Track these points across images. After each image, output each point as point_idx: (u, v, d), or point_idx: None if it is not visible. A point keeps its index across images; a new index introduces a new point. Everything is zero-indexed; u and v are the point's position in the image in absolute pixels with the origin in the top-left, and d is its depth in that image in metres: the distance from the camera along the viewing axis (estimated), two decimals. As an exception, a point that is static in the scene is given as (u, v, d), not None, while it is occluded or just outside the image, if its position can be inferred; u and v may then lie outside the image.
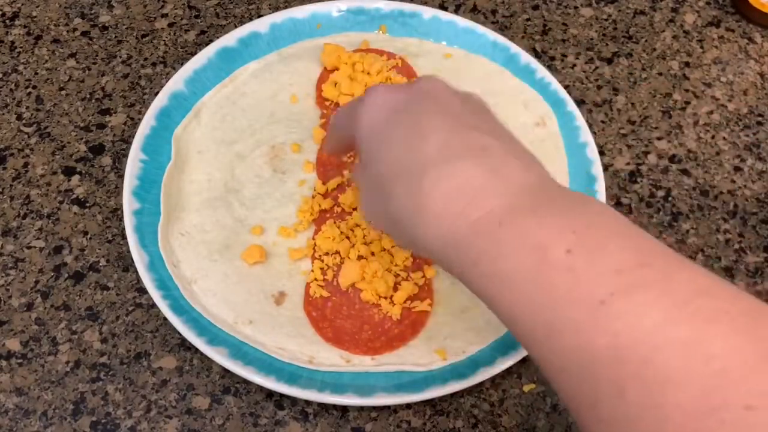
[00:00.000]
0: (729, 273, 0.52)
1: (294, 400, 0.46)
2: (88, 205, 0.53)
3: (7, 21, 0.61)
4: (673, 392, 0.25)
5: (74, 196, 0.53)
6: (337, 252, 0.49)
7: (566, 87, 0.58)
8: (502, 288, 0.30)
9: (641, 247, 0.29)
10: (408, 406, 0.46)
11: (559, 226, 0.29)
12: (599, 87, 0.60)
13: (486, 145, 0.33)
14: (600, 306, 0.27)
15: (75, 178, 0.54)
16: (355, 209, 0.50)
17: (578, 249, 0.28)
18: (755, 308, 0.27)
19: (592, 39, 0.63)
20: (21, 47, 0.60)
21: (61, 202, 0.53)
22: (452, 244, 0.32)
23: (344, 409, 0.46)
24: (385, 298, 0.48)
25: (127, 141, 0.55)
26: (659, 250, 0.29)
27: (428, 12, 0.59)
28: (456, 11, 0.63)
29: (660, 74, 0.61)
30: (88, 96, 0.58)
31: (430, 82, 0.37)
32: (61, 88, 0.58)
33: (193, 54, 0.57)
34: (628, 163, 0.57)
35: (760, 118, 0.60)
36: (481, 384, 0.47)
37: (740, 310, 0.27)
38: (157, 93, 0.54)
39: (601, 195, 0.52)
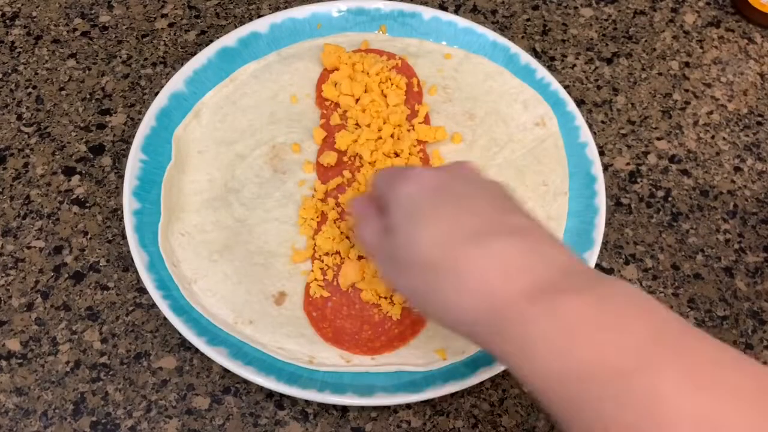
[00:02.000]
0: (729, 273, 0.52)
1: (294, 400, 0.46)
2: (88, 205, 0.53)
3: (7, 21, 0.61)
4: None
5: (74, 196, 0.53)
6: (337, 252, 0.49)
7: (566, 87, 0.58)
8: (532, 363, 0.32)
9: (661, 323, 0.31)
10: (408, 406, 0.46)
11: (588, 306, 0.31)
12: (599, 87, 0.60)
13: (524, 226, 0.36)
14: (624, 381, 0.29)
15: (75, 178, 0.54)
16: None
17: (604, 327, 0.30)
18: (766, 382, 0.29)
19: (592, 39, 0.63)
20: (21, 47, 0.60)
21: (61, 202, 0.53)
22: (484, 319, 0.33)
23: (344, 409, 0.46)
24: (385, 298, 0.48)
25: (127, 141, 0.55)
26: (677, 326, 0.31)
27: (428, 12, 0.59)
28: (456, 11, 0.63)
29: (660, 74, 0.61)
30: (88, 96, 0.58)
31: (465, 168, 0.40)
32: (61, 88, 0.58)
33: (193, 54, 0.57)
34: (628, 163, 0.57)
35: (760, 118, 0.60)
36: (481, 384, 0.47)
37: (753, 386, 0.28)
38: (157, 93, 0.54)
39: (601, 195, 0.52)
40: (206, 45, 0.57)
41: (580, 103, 0.59)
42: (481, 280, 0.33)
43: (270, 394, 0.46)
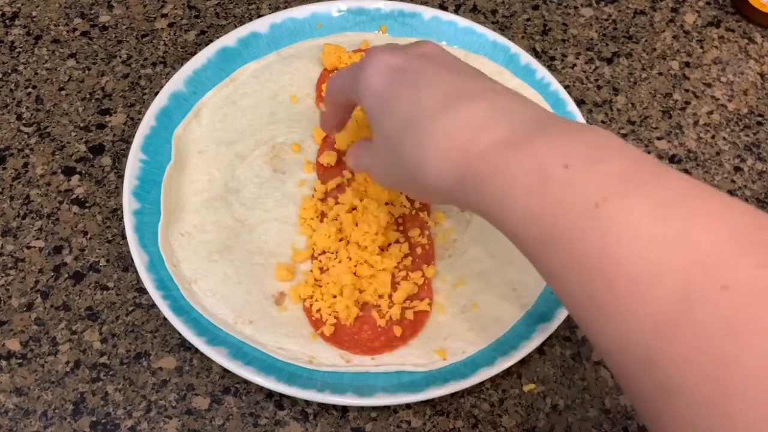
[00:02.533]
0: (729, 273, 0.52)
1: (294, 400, 0.46)
2: (88, 205, 0.53)
3: (7, 21, 0.61)
4: (657, 282, 0.27)
5: (74, 196, 0.53)
6: (335, 252, 0.49)
7: (566, 87, 0.58)
8: (508, 206, 0.32)
9: (634, 158, 0.31)
10: (408, 406, 0.46)
11: (558, 146, 0.32)
12: (599, 87, 0.60)
13: (485, 87, 0.36)
14: (594, 209, 0.29)
15: (75, 178, 0.54)
16: (354, 209, 0.50)
17: (575, 163, 0.31)
18: (736, 206, 0.29)
19: (592, 39, 0.63)
20: (21, 47, 0.60)
21: (61, 202, 0.53)
22: (458, 179, 0.34)
23: (344, 409, 0.46)
24: (383, 297, 0.48)
25: (127, 141, 0.55)
26: (651, 160, 0.31)
27: (428, 12, 0.59)
28: (456, 11, 0.63)
29: (660, 74, 0.61)
30: (88, 96, 0.58)
31: (428, 44, 0.41)
32: (61, 88, 0.58)
33: (193, 54, 0.57)
34: (628, 163, 0.57)
35: (760, 118, 0.60)
36: (481, 384, 0.47)
37: (722, 207, 0.29)
38: (157, 93, 0.54)
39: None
40: (206, 45, 0.57)
41: (580, 103, 0.59)
42: (448, 142, 0.34)
43: (270, 394, 0.46)
